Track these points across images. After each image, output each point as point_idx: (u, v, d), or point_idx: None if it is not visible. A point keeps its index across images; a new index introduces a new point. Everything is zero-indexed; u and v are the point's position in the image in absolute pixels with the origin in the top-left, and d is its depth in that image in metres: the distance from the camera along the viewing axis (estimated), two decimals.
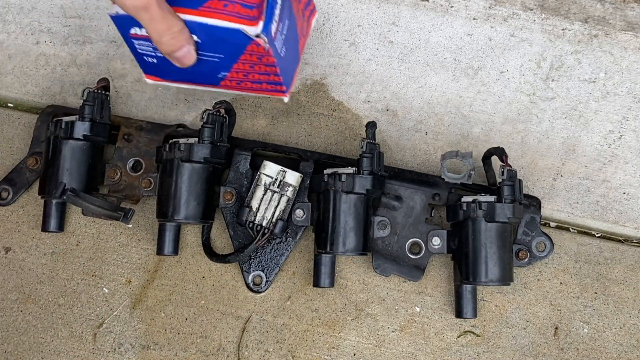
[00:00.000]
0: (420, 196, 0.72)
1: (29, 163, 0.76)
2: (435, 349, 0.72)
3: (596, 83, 0.78)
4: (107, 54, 0.81)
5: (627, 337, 0.72)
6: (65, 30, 0.82)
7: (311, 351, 0.72)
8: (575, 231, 0.76)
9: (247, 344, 0.73)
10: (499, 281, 0.67)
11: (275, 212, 0.70)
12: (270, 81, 0.65)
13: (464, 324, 0.73)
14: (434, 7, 0.81)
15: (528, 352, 0.72)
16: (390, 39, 0.80)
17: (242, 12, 0.57)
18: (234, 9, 0.57)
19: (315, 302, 0.74)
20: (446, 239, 0.71)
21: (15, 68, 0.81)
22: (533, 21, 0.79)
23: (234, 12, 0.57)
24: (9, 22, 0.82)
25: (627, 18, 0.79)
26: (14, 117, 0.80)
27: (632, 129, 0.77)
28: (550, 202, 0.76)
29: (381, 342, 0.72)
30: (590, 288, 0.73)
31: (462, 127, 0.78)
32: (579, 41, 0.79)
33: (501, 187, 0.67)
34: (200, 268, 0.75)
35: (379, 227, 0.71)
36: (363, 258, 0.74)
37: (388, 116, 0.78)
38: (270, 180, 0.70)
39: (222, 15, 0.57)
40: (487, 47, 0.79)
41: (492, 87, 0.79)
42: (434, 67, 0.79)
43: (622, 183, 0.76)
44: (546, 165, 0.77)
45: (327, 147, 0.78)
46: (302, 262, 0.74)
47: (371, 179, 0.68)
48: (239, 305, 0.74)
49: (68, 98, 0.80)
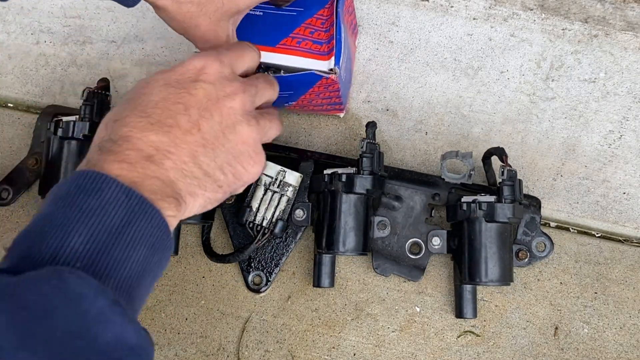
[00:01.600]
0: (420, 196, 0.72)
1: (29, 163, 0.76)
2: (435, 349, 0.72)
3: (596, 83, 0.78)
4: (107, 54, 0.81)
5: (627, 337, 0.72)
6: (65, 30, 0.82)
7: (311, 351, 0.72)
8: (575, 231, 0.76)
9: (247, 344, 0.73)
10: (499, 281, 0.67)
11: (275, 212, 0.70)
12: (332, 103, 0.71)
13: (464, 324, 0.73)
14: (434, 7, 0.81)
15: (528, 352, 0.72)
16: (390, 39, 0.80)
17: (314, 48, 0.64)
18: (306, 45, 0.64)
19: (315, 302, 0.74)
20: (446, 239, 0.71)
21: (15, 68, 0.81)
22: (533, 21, 0.79)
23: (306, 48, 0.64)
24: (9, 22, 0.82)
25: (627, 18, 0.79)
26: (14, 117, 0.80)
27: (632, 129, 0.77)
28: (550, 202, 0.76)
29: (381, 342, 0.72)
30: (590, 288, 0.73)
31: (462, 127, 0.78)
32: (579, 41, 0.79)
33: (501, 187, 0.67)
34: (200, 268, 0.75)
35: (379, 227, 0.71)
36: (363, 258, 0.74)
37: (388, 116, 0.78)
38: (270, 180, 0.70)
39: (297, 51, 0.64)
40: (487, 47, 0.79)
41: (492, 87, 0.79)
42: (434, 67, 0.79)
43: (622, 183, 0.76)
44: (546, 165, 0.77)
45: (327, 147, 0.78)
46: (302, 262, 0.74)
47: (371, 179, 0.68)
48: (239, 305, 0.74)
49: (68, 98, 0.80)
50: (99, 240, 0.42)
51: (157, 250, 0.45)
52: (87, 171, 0.44)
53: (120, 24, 0.82)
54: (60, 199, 0.44)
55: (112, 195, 0.43)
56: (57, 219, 0.43)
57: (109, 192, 0.43)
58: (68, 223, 0.42)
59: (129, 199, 0.44)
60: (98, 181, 0.44)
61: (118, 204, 0.43)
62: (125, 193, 0.44)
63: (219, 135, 0.51)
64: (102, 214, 0.43)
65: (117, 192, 0.44)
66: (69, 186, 0.44)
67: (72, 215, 0.42)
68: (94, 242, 0.42)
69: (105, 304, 0.40)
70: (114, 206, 0.43)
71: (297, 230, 0.73)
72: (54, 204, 0.44)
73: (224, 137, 0.51)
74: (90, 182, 0.44)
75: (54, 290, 0.39)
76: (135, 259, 0.44)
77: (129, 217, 0.44)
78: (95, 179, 0.44)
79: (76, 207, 0.43)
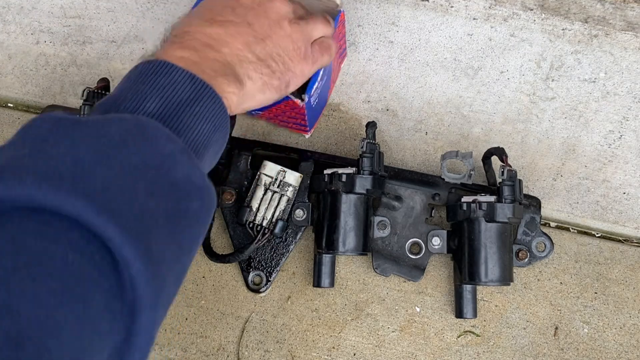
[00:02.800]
0: (420, 196, 0.72)
1: None
2: (435, 349, 0.72)
3: (596, 83, 0.78)
4: (107, 54, 0.81)
5: (627, 337, 0.72)
6: (65, 30, 0.82)
7: (311, 351, 0.72)
8: (575, 231, 0.76)
9: (247, 344, 0.73)
10: (499, 281, 0.67)
11: (275, 212, 0.70)
12: (298, 123, 0.73)
13: (464, 324, 0.73)
14: (434, 7, 0.81)
15: (528, 352, 0.72)
16: (390, 39, 0.80)
17: None
18: None
19: (315, 302, 0.74)
20: (446, 239, 0.71)
21: (15, 68, 0.81)
22: (533, 21, 0.79)
23: None
24: (9, 22, 0.82)
25: (627, 18, 0.79)
26: (14, 117, 0.80)
27: (632, 129, 0.77)
28: (550, 202, 0.76)
29: (381, 342, 0.72)
30: (590, 288, 0.73)
31: (462, 127, 0.78)
32: (579, 41, 0.79)
33: (501, 187, 0.67)
34: (200, 268, 0.75)
35: (379, 227, 0.71)
36: (363, 258, 0.74)
37: (388, 116, 0.78)
38: (270, 180, 0.70)
39: None
40: (487, 47, 0.79)
41: (492, 87, 0.79)
42: (434, 67, 0.79)
43: (622, 183, 0.76)
44: (546, 165, 0.77)
45: (327, 147, 0.78)
46: (302, 262, 0.74)
47: (371, 179, 0.68)
48: (239, 305, 0.74)
49: (68, 98, 0.80)
50: (171, 108, 0.48)
51: (217, 128, 0.51)
52: (157, 60, 0.50)
53: (120, 24, 0.82)
54: (134, 77, 0.50)
55: (179, 76, 0.49)
56: (133, 90, 0.49)
57: (177, 74, 0.49)
58: (143, 93, 0.48)
59: (193, 82, 0.50)
60: (166, 66, 0.50)
61: (185, 84, 0.50)
62: (190, 77, 0.50)
63: (267, 30, 0.58)
64: (171, 89, 0.49)
65: (183, 75, 0.50)
66: (142, 68, 0.50)
67: (146, 89, 0.49)
68: (166, 109, 0.48)
69: (177, 149, 0.46)
70: (182, 85, 0.49)
71: (297, 230, 0.73)
72: (129, 81, 0.50)
73: (272, 30, 0.58)
74: (160, 67, 0.50)
75: (132, 128, 0.45)
76: (201, 130, 0.49)
77: (195, 96, 0.49)
78: (164, 64, 0.50)
79: (149, 83, 0.49)
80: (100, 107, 0.49)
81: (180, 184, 0.45)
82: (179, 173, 0.45)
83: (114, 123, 0.44)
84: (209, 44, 0.54)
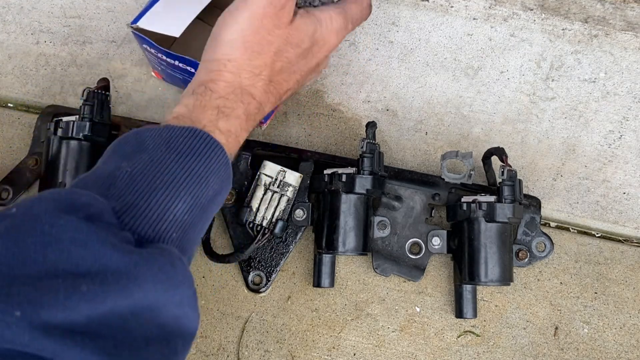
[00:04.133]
0: (420, 196, 0.72)
1: (29, 163, 0.76)
2: (435, 349, 0.72)
3: (596, 83, 0.78)
4: (107, 54, 0.81)
5: (627, 337, 0.72)
6: (65, 30, 0.82)
7: (311, 351, 0.72)
8: (575, 231, 0.76)
9: (247, 344, 0.73)
10: (499, 281, 0.67)
11: (275, 212, 0.70)
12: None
13: (464, 324, 0.73)
14: (434, 7, 0.81)
15: (528, 352, 0.72)
16: (390, 39, 0.80)
17: None
18: None
19: (315, 302, 0.74)
20: (446, 239, 0.71)
21: (15, 68, 0.81)
22: (533, 21, 0.79)
23: None
24: (9, 22, 0.82)
25: (627, 18, 0.79)
26: (14, 117, 0.80)
27: (632, 129, 0.77)
28: (550, 202, 0.76)
29: (381, 342, 0.72)
30: (590, 288, 0.73)
31: (462, 127, 0.78)
32: (579, 41, 0.79)
33: (501, 187, 0.67)
34: (200, 268, 0.75)
35: (379, 227, 0.71)
36: (363, 258, 0.74)
37: (388, 116, 0.78)
38: (270, 180, 0.70)
39: None
40: (487, 47, 0.79)
41: (492, 87, 0.79)
42: (434, 67, 0.79)
43: (622, 183, 0.76)
44: (546, 165, 0.77)
45: (327, 147, 0.78)
46: (302, 262, 0.74)
47: (371, 179, 0.68)
48: (239, 305, 0.74)
49: (68, 98, 0.80)
50: (195, 213, 0.44)
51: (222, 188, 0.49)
52: (203, 133, 0.45)
53: (120, 24, 0.82)
54: (170, 150, 0.44)
55: (216, 163, 0.46)
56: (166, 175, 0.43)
57: (215, 160, 0.45)
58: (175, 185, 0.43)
59: (226, 168, 0.46)
60: (210, 146, 0.45)
61: (219, 174, 0.46)
62: (224, 163, 0.46)
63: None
64: (203, 183, 0.45)
65: (220, 160, 0.46)
66: (182, 140, 0.45)
67: (180, 175, 0.44)
68: (191, 214, 0.44)
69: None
70: (215, 176, 0.45)
71: (297, 230, 0.73)
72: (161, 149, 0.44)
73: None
74: (202, 145, 0.45)
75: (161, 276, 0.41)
76: (207, 224, 0.48)
77: (220, 188, 0.46)
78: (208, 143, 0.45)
79: (184, 167, 0.44)
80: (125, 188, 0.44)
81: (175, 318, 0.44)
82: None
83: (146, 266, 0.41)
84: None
